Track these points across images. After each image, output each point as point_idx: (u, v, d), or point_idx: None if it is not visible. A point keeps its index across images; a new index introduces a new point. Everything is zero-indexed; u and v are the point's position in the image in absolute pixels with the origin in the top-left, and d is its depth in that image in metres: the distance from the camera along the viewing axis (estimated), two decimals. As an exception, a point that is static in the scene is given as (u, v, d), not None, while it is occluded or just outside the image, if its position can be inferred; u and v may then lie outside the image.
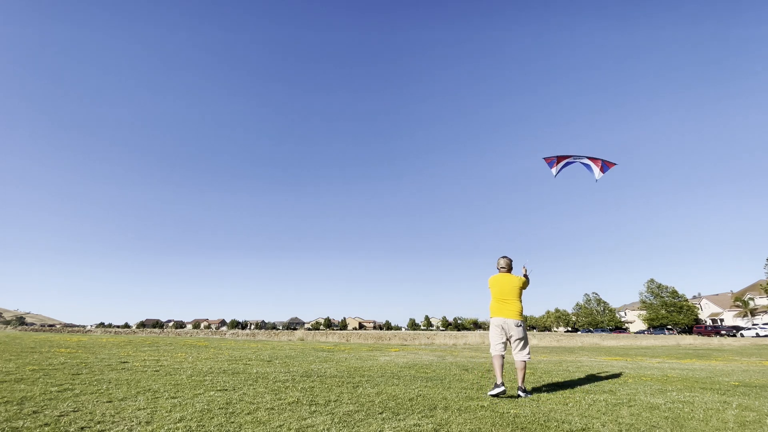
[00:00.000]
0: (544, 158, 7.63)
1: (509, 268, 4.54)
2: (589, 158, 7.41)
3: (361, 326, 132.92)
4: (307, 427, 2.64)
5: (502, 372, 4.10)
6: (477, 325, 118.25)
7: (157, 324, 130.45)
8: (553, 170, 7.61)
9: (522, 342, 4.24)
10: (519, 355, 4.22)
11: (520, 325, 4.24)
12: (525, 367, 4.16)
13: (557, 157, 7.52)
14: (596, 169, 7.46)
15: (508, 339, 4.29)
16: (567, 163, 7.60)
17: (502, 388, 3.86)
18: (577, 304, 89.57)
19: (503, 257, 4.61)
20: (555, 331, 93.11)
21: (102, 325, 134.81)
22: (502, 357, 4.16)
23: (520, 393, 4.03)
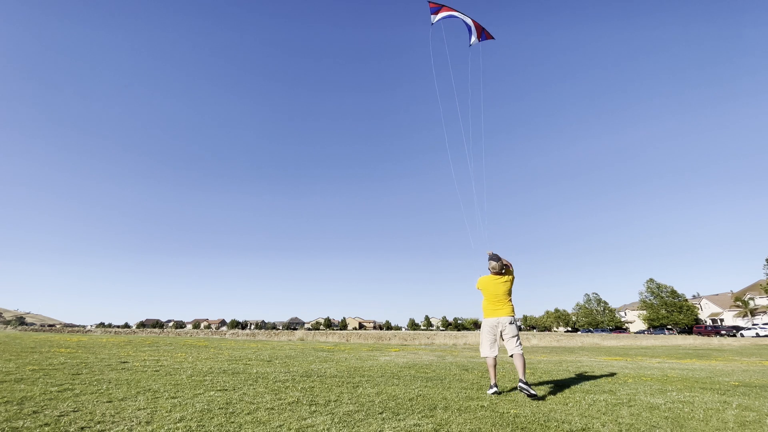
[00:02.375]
0: (430, 2, 7.60)
1: (500, 270, 4.58)
2: (473, 21, 7.51)
3: (361, 326, 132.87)
4: (307, 427, 2.64)
5: (496, 372, 4.33)
6: (477, 325, 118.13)
7: (157, 324, 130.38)
8: (433, 17, 7.64)
9: (515, 338, 4.34)
10: (514, 349, 4.27)
11: (513, 323, 4.41)
12: (523, 359, 4.18)
13: (443, 5, 7.57)
14: (475, 34, 7.56)
15: (501, 337, 4.44)
16: (450, 16, 7.65)
17: (495, 389, 4.12)
18: (577, 304, 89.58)
19: (495, 260, 4.60)
20: (555, 331, 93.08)
21: (102, 325, 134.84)
22: (495, 359, 4.33)
23: (522, 386, 3.98)
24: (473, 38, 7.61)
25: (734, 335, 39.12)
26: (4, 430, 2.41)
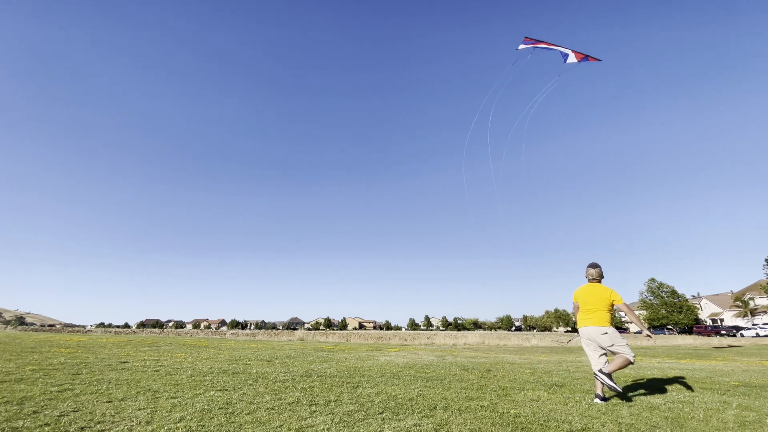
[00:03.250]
0: (526, 37, 7.79)
1: (599, 278, 4.23)
2: (572, 51, 7.58)
3: (361, 326, 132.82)
4: (307, 427, 2.64)
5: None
6: (477, 325, 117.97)
7: (157, 324, 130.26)
8: (521, 46, 7.78)
9: (618, 347, 3.90)
10: (621, 352, 3.88)
11: (606, 333, 3.93)
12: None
13: (538, 40, 7.75)
14: (573, 56, 7.55)
15: (602, 349, 4.03)
16: (544, 48, 7.75)
17: (601, 402, 3.77)
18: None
19: (593, 267, 4.26)
20: (555, 331, 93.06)
21: (102, 325, 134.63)
22: (601, 372, 3.87)
23: (600, 374, 3.74)
24: (570, 58, 7.58)
25: (734, 335, 39.13)
26: (4, 430, 2.41)
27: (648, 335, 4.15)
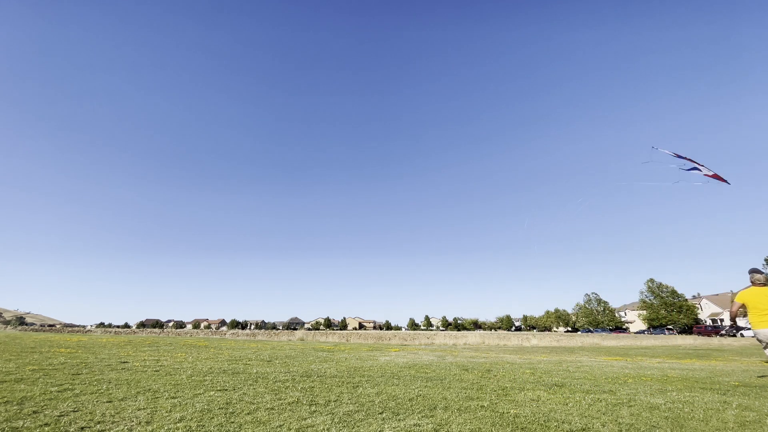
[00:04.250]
0: (677, 154, 8.59)
1: (765, 281, 4.81)
2: (713, 175, 8.35)
3: (361, 326, 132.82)
4: (307, 427, 2.64)
5: None
6: (477, 325, 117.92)
7: (157, 324, 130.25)
8: (662, 150, 8.58)
9: None
10: None
11: None
12: None
13: (683, 156, 8.54)
14: (702, 171, 8.14)
15: None
16: (691, 168, 8.43)
17: None
18: (577, 305, 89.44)
19: (759, 272, 4.85)
20: (555, 331, 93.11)
21: (102, 325, 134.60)
22: None
23: None
24: (701, 172, 8.26)
25: (734, 335, 39.15)
26: (4, 430, 2.41)
27: None
